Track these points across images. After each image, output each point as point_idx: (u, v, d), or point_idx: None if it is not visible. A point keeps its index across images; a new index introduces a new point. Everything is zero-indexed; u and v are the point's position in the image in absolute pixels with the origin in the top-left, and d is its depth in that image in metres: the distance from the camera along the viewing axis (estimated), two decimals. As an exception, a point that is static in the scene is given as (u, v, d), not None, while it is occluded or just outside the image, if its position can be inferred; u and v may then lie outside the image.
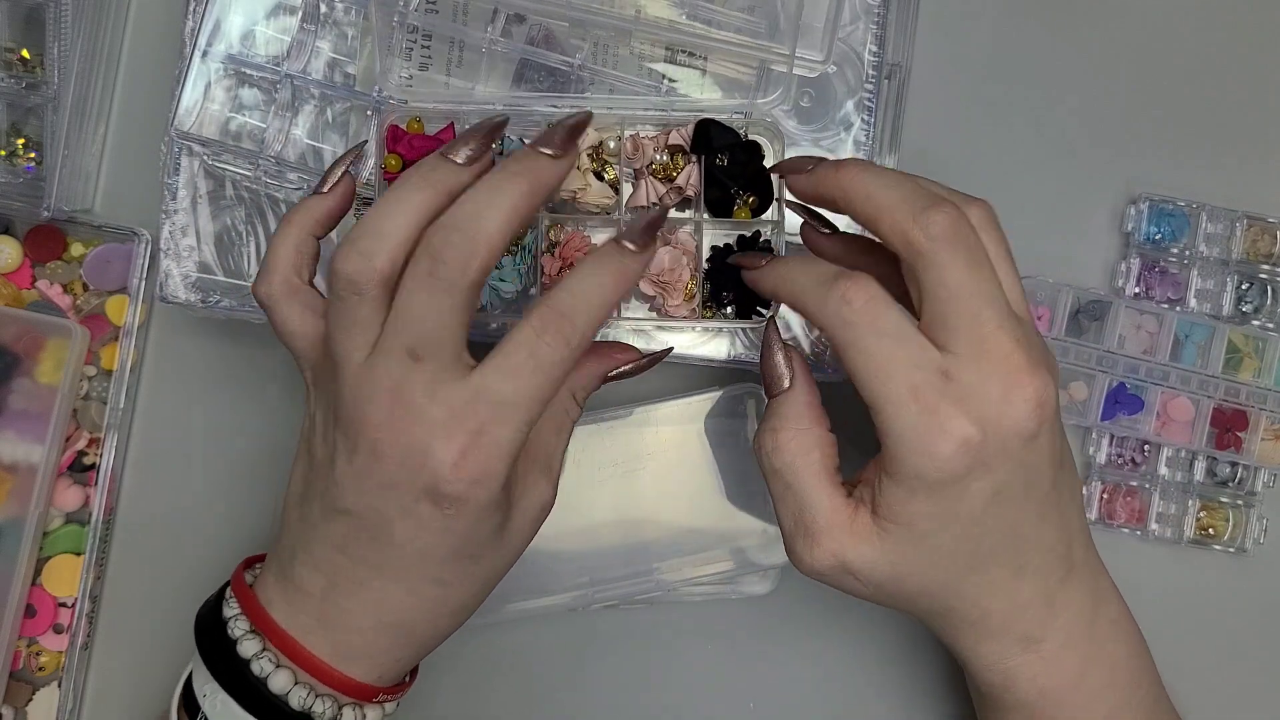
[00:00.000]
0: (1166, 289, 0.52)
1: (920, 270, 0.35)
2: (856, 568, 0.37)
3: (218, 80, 0.46)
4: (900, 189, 0.36)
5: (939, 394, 0.35)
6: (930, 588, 0.38)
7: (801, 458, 0.38)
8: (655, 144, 0.42)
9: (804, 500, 0.38)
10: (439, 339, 0.34)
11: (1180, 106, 0.54)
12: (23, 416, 0.49)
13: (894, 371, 0.35)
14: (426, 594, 0.37)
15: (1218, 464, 0.52)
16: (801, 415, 0.38)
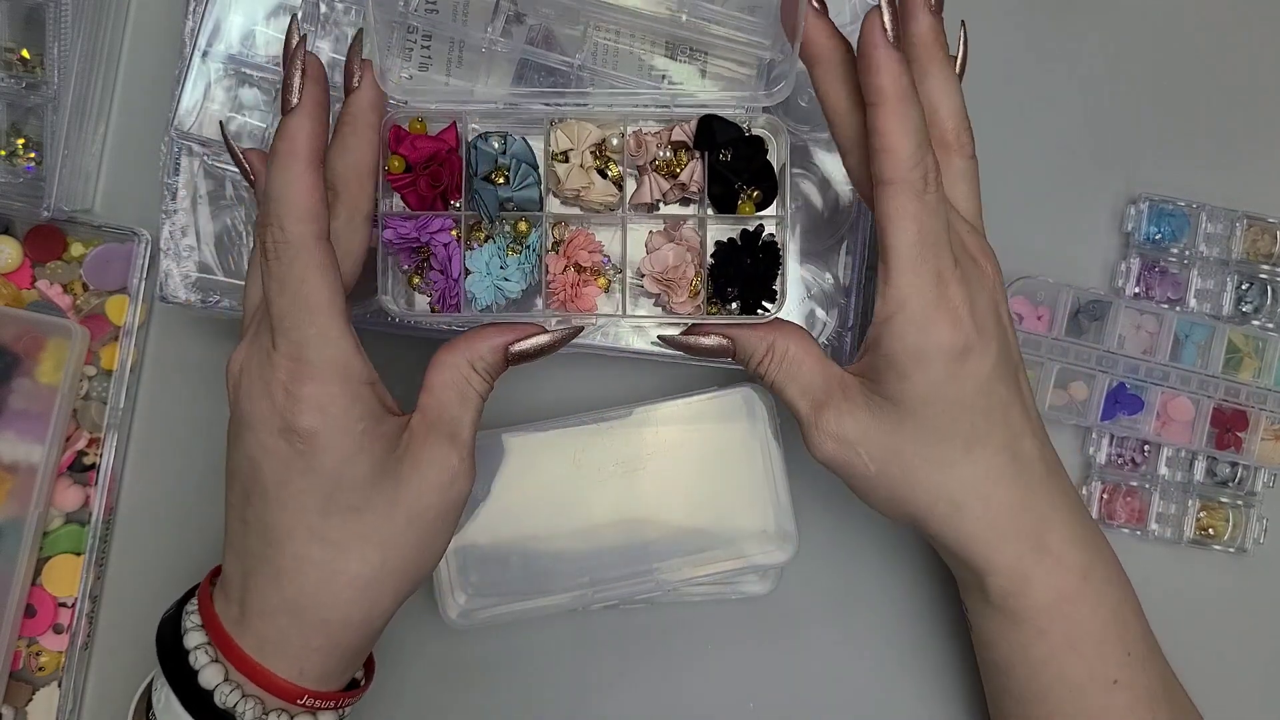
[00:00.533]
0: (1166, 289, 0.52)
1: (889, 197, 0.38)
2: (856, 437, 0.40)
3: (218, 80, 0.46)
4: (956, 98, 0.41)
5: (951, 277, 0.38)
6: (932, 470, 0.40)
7: (790, 357, 0.41)
8: (658, 140, 0.42)
9: (809, 381, 0.41)
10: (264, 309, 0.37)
11: (1180, 107, 0.54)
12: (23, 416, 0.49)
13: (928, 249, 0.38)
14: (314, 557, 0.37)
15: (1218, 464, 0.52)
16: (764, 351, 0.41)
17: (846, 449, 0.40)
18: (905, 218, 0.37)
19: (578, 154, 0.41)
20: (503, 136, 0.41)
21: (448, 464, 0.39)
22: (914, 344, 0.38)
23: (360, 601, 0.38)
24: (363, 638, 0.39)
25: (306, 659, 0.38)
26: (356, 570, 0.38)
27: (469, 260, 0.41)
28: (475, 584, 0.48)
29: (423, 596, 0.48)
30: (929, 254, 0.37)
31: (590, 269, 0.41)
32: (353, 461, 0.37)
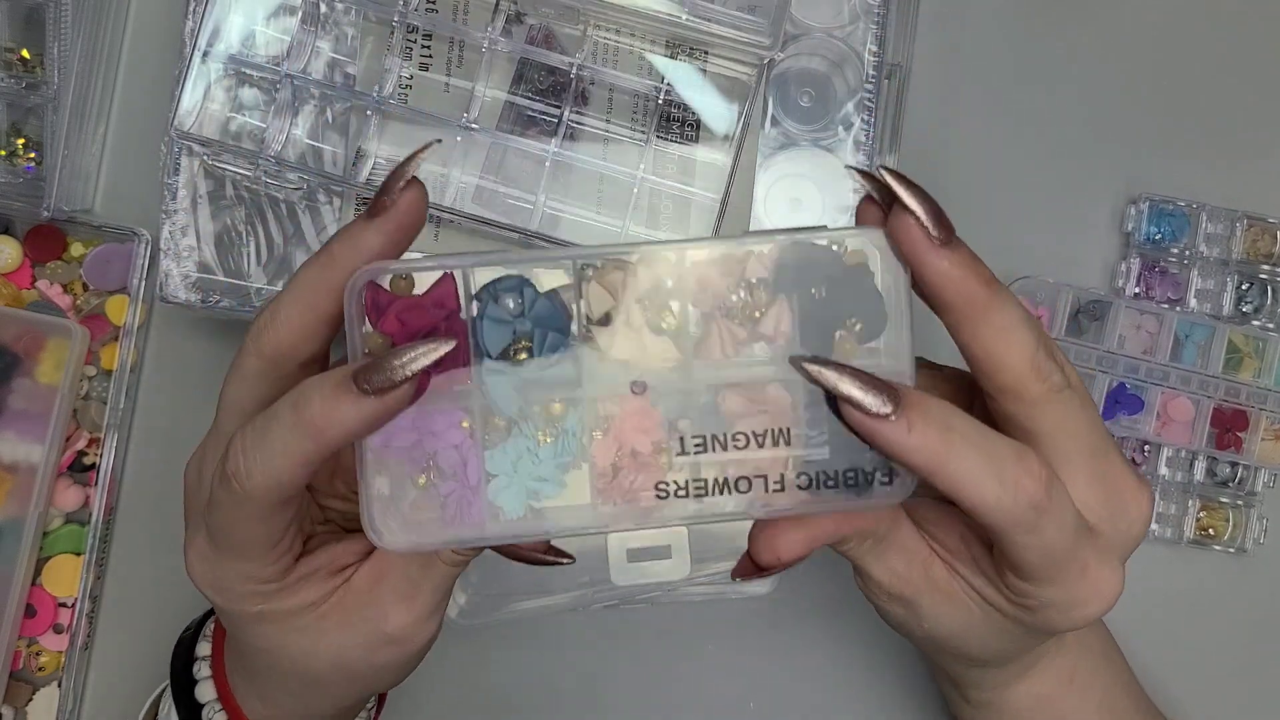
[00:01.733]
0: (1166, 289, 0.52)
1: (1038, 415, 0.31)
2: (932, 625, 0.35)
3: (218, 80, 0.46)
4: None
5: (1090, 554, 0.32)
6: (977, 648, 0.36)
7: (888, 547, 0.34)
8: (727, 277, 0.31)
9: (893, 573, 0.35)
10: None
11: (1180, 106, 0.54)
12: (23, 416, 0.49)
13: (1062, 561, 0.31)
14: (256, 644, 0.35)
15: (1218, 464, 0.52)
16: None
17: (907, 618, 0.36)
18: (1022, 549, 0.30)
19: (623, 311, 0.30)
20: (519, 290, 0.30)
21: (395, 626, 0.34)
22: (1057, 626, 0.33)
23: (292, 703, 0.37)
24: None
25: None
26: (279, 682, 0.36)
27: (490, 462, 0.30)
28: (475, 584, 0.48)
29: (423, 596, 0.48)
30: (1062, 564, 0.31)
31: (652, 451, 0.31)
32: (251, 628, 0.34)
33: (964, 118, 0.54)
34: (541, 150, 0.45)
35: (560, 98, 0.46)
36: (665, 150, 0.46)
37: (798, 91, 0.48)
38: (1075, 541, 0.31)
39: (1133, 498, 0.33)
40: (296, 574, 0.33)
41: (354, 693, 0.37)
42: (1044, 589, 0.32)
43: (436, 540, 0.31)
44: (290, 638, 0.34)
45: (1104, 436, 0.32)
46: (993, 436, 0.29)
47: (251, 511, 0.30)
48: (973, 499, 0.29)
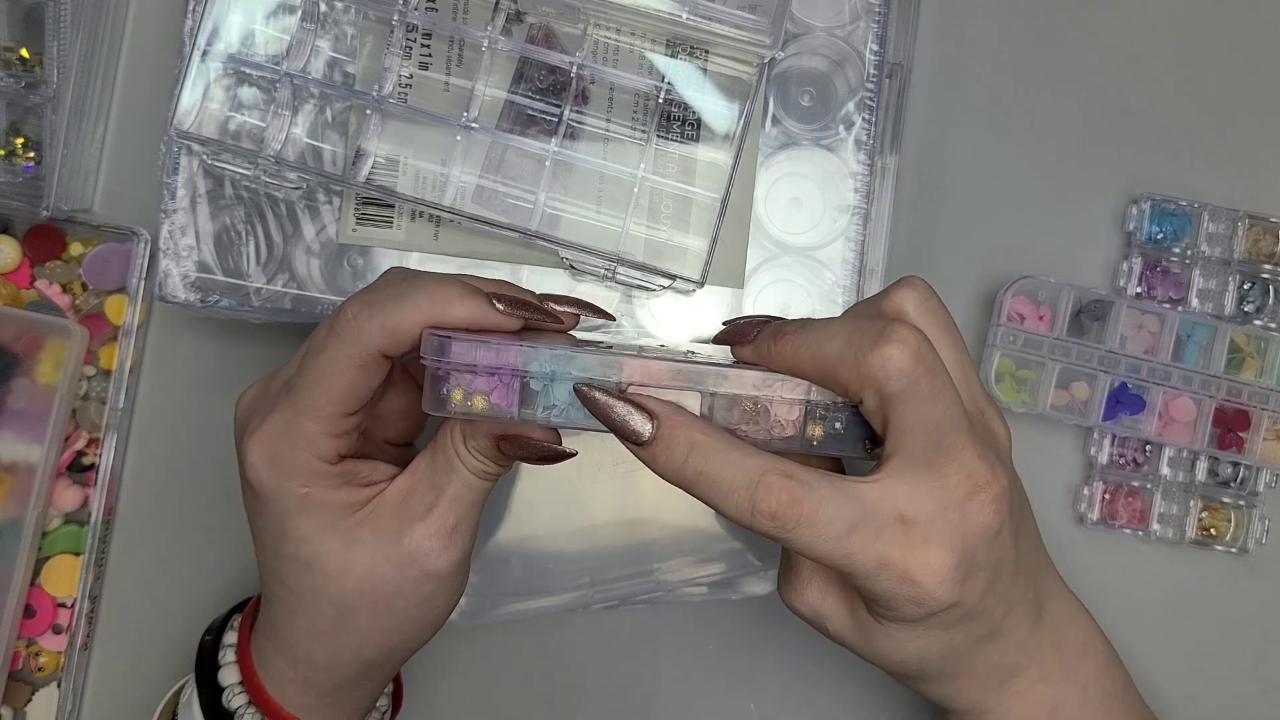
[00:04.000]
0: (1168, 289, 0.52)
1: (886, 410, 0.34)
2: (829, 616, 0.39)
3: (217, 79, 0.46)
4: (840, 334, 0.35)
5: (904, 550, 0.34)
6: (921, 666, 0.38)
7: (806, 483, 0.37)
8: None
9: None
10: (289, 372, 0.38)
11: (1182, 106, 0.54)
12: (21, 416, 0.49)
13: (857, 547, 0.34)
14: (277, 592, 0.38)
15: (1219, 464, 0.52)
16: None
17: (817, 619, 0.39)
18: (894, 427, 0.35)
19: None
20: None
21: (407, 542, 0.37)
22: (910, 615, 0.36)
23: (320, 648, 0.38)
24: (335, 681, 0.39)
25: (292, 693, 0.39)
26: (310, 617, 0.38)
27: (527, 361, 0.35)
28: (475, 584, 0.48)
29: (422, 597, 0.48)
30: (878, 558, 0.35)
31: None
32: (296, 517, 0.37)
33: (965, 117, 0.54)
34: (542, 149, 0.45)
35: (560, 97, 0.46)
36: (666, 149, 0.46)
37: (798, 91, 0.48)
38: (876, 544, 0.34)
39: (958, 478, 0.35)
40: (345, 467, 0.37)
41: (379, 633, 0.38)
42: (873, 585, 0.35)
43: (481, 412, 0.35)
44: (327, 540, 0.37)
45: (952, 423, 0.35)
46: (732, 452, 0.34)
47: (353, 355, 0.35)
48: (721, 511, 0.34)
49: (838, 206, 0.48)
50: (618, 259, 0.45)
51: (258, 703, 0.39)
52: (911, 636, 0.37)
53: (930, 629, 0.36)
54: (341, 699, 0.40)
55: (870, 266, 0.48)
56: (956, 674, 0.39)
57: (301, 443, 0.36)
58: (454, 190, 0.45)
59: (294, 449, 0.36)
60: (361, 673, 0.39)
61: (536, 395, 0.35)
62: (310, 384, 0.36)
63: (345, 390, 0.36)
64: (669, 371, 0.35)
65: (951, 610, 0.35)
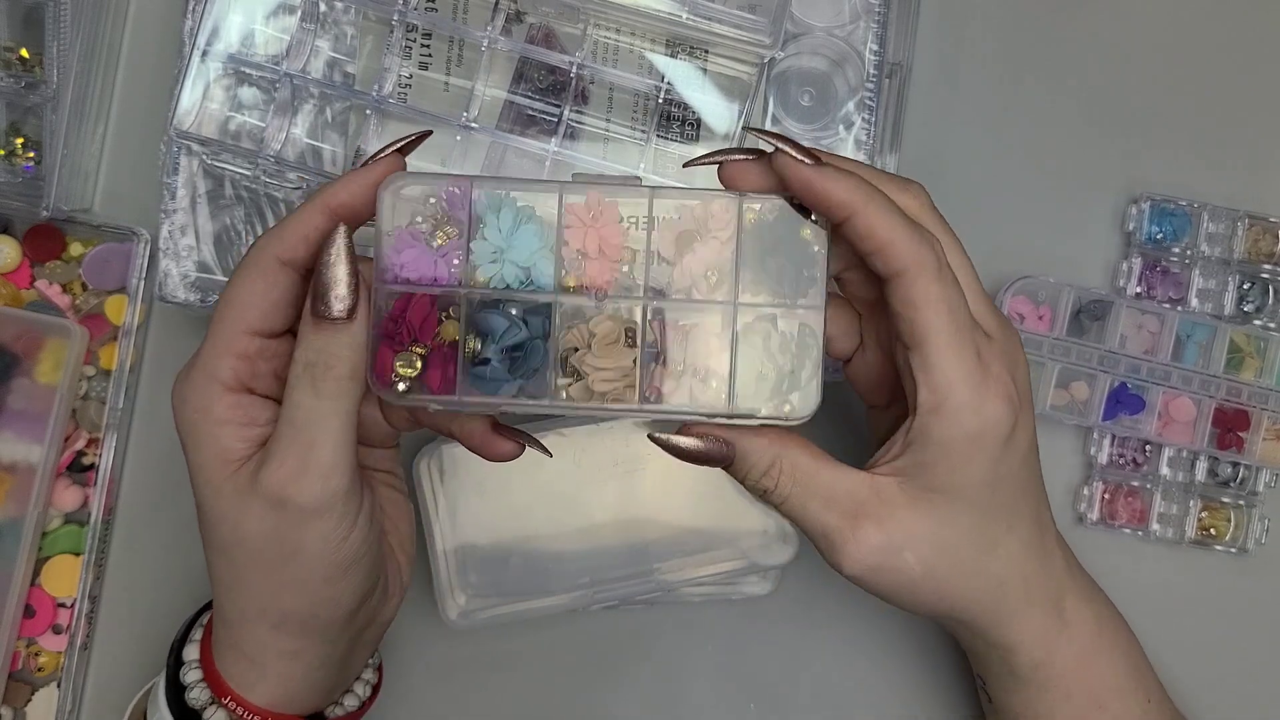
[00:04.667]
0: (1168, 289, 0.52)
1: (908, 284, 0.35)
2: (904, 540, 0.37)
3: (217, 79, 0.46)
4: (894, 205, 0.36)
5: (990, 354, 0.36)
6: (980, 555, 0.38)
7: (799, 470, 0.37)
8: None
9: (832, 492, 0.37)
10: None
11: (1182, 106, 0.54)
12: (21, 416, 0.49)
13: (962, 329, 0.35)
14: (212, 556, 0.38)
15: (1219, 464, 0.52)
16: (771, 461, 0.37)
17: (892, 556, 0.37)
18: (931, 302, 0.35)
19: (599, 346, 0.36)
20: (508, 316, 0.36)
21: (260, 486, 0.35)
22: (971, 427, 0.35)
23: (228, 603, 0.38)
24: (256, 644, 0.38)
25: (288, 680, 0.38)
26: (213, 567, 0.37)
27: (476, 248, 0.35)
28: (475, 584, 0.48)
29: (423, 596, 0.48)
30: (965, 333, 0.35)
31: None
32: (191, 453, 0.36)
33: (965, 117, 0.54)
34: (541, 149, 0.45)
35: (560, 97, 0.46)
36: (666, 149, 0.46)
37: (798, 90, 0.48)
38: (970, 317, 0.36)
39: (1007, 322, 0.38)
40: (238, 400, 0.36)
41: (274, 587, 0.37)
42: (949, 361, 0.35)
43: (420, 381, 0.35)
44: (206, 488, 0.36)
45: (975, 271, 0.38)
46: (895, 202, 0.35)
47: (249, 266, 0.36)
48: (888, 234, 0.34)
49: (837, 206, 0.48)
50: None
51: (207, 676, 0.39)
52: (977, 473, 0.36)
53: (992, 461, 0.36)
54: (271, 665, 0.38)
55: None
56: (1026, 583, 0.39)
57: (199, 368, 0.36)
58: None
59: (192, 377, 0.36)
60: (279, 635, 0.37)
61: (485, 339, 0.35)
62: (217, 307, 0.36)
63: (243, 299, 0.36)
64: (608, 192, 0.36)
65: (1011, 438, 0.36)
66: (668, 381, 0.36)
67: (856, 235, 0.35)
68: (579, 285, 0.35)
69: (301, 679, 0.39)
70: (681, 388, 0.36)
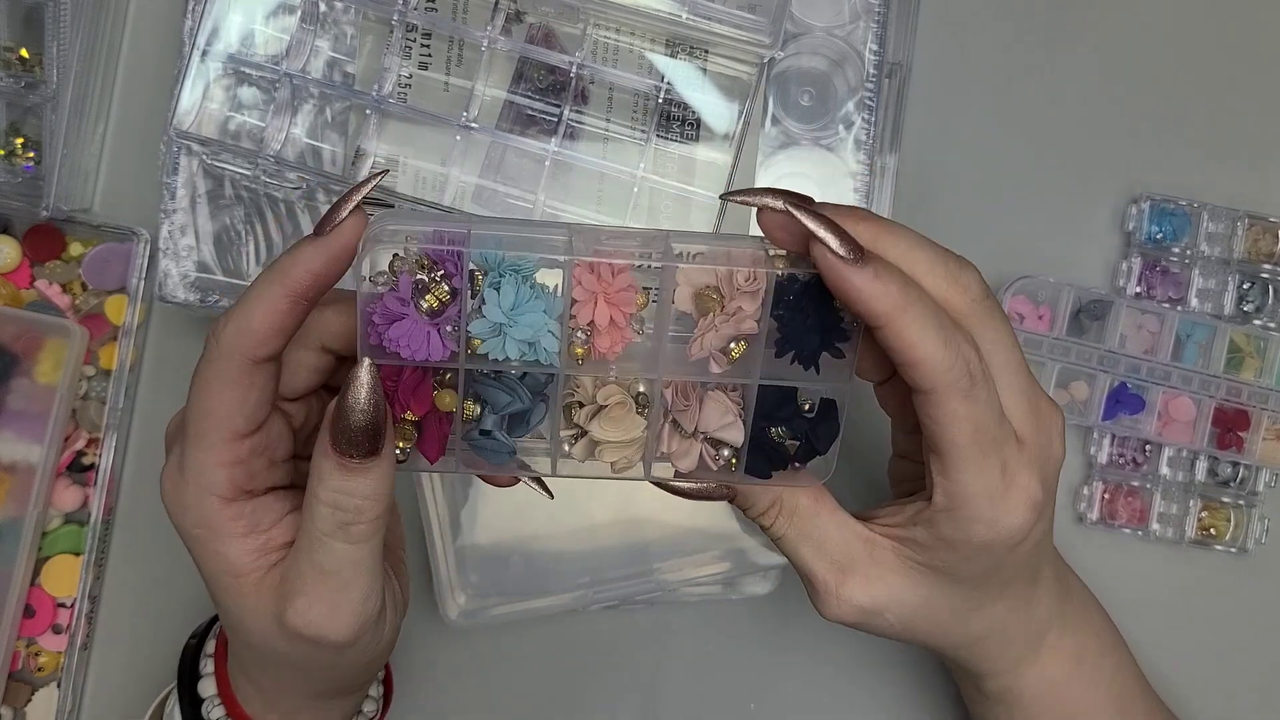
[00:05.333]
0: (1168, 288, 0.52)
1: (935, 404, 0.34)
2: (884, 604, 0.37)
3: (217, 79, 0.46)
4: (929, 248, 0.35)
5: (1018, 465, 0.35)
6: (961, 619, 0.38)
7: (802, 525, 0.37)
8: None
9: (825, 540, 0.37)
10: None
11: (1182, 106, 0.54)
12: (21, 416, 0.49)
13: (987, 446, 0.34)
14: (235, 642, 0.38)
15: (1219, 464, 0.52)
16: (770, 503, 0.37)
17: (872, 616, 0.37)
18: (956, 421, 0.33)
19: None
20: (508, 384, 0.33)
21: (288, 621, 0.33)
22: (983, 538, 0.35)
23: (262, 676, 0.38)
24: (291, 705, 0.38)
25: (259, 709, 0.38)
26: (239, 650, 0.38)
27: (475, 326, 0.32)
28: (475, 584, 0.48)
29: (423, 596, 0.48)
30: (990, 448, 0.34)
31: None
32: (202, 562, 0.34)
33: (965, 117, 0.54)
34: (541, 149, 0.45)
35: (560, 96, 0.46)
36: (665, 149, 0.46)
37: (798, 90, 0.48)
38: (1000, 430, 0.34)
39: (1049, 416, 0.36)
40: (241, 510, 0.34)
41: (306, 684, 0.37)
42: (969, 476, 0.34)
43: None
44: (225, 596, 0.34)
45: (1024, 361, 0.36)
46: (940, 307, 0.33)
47: (219, 371, 0.32)
48: (920, 352, 0.32)
49: (837, 206, 0.48)
50: (617, 259, 0.45)
51: (232, 715, 0.39)
52: (983, 565, 0.36)
53: (1002, 555, 0.36)
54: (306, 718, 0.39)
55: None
56: (1004, 630, 0.39)
57: (191, 479, 0.33)
58: (454, 190, 0.45)
59: (185, 486, 0.33)
60: (314, 703, 0.38)
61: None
62: (192, 413, 0.33)
63: (224, 411, 0.32)
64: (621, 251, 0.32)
65: (1028, 537, 0.35)
66: (678, 443, 0.34)
67: (887, 345, 0.33)
68: (587, 355, 0.33)
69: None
70: (692, 453, 0.34)
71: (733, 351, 0.33)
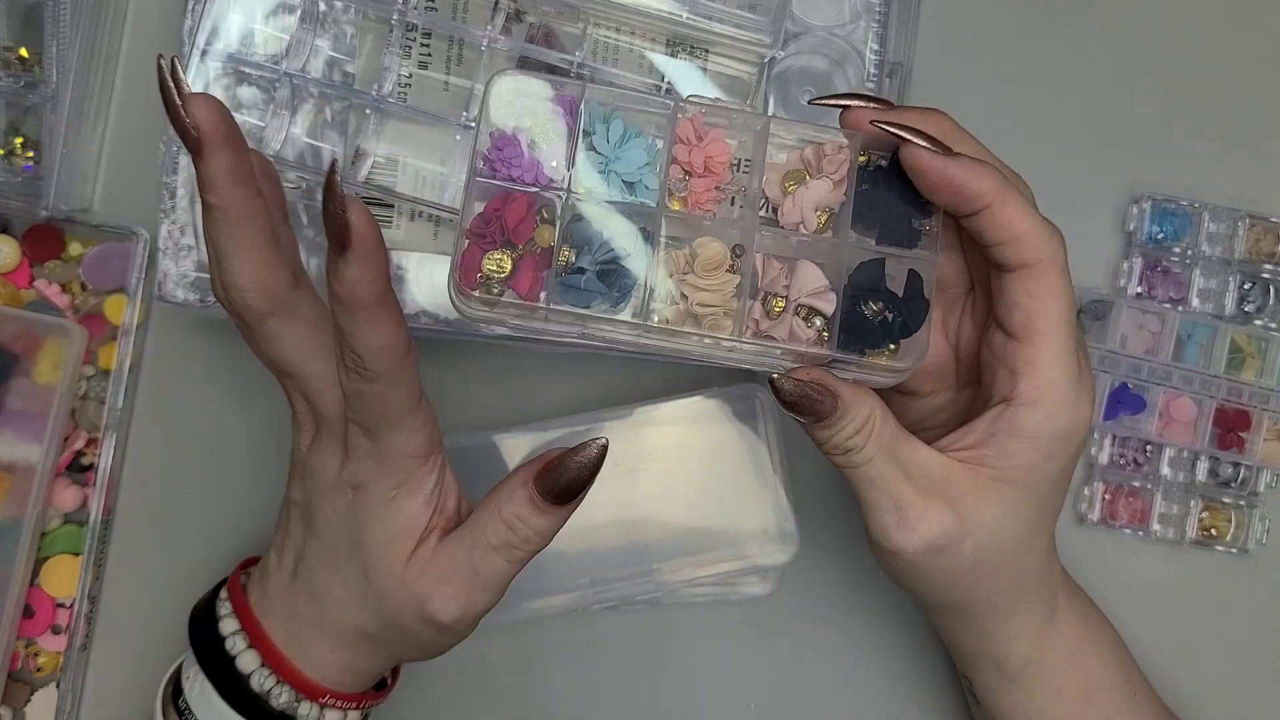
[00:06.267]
0: (1169, 289, 0.52)
1: (1036, 277, 0.36)
2: (970, 526, 0.36)
3: (216, 79, 0.46)
4: (1027, 196, 0.38)
5: (1084, 355, 0.37)
6: (1021, 552, 0.38)
7: (886, 437, 0.36)
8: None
9: (912, 463, 0.36)
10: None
11: (1183, 105, 0.54)
12: (21, 416, 0.49)
13: (1073, 327, 0.36)
14: (335, 591, 0.39)
15: (1220, 464, 0.52)
16: (866, 419, 0.36)
17: (955, 541, 0.36)
18: (1057, 295, 0.35)
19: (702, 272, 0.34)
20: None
21: (428, 608, 0.37)
22: (1064, 424, 0.36)
23: (362, 647, 0.39)
24: (374, 664, 0.40)
25: (326, 667, 0.39)
26: (356, 621, 0.39)
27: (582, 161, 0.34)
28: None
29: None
30: (1073, 332, 0.36)
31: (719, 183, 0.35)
32: (384, 532, 0.37)
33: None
34: (541, 149, 0.45)
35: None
36: (665, 149, 0.46)
37: (798, 90, 0.48)
38: (1071, 324, 0.36)
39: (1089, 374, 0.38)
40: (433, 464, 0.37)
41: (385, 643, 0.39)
42: (1062, 359, 0.35)
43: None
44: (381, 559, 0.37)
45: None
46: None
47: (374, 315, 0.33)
48: (1023, 225, 0.35)
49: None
50: (617, 259, 0.45)
51: (258, 645, 0.39)
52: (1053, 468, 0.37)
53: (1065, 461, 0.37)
54: (364, 678, 0.41)
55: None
56: (1028, 581, 0.39)
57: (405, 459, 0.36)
58: (454, 190, 0.45)
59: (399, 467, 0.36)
60: (362, 643, 0.40)
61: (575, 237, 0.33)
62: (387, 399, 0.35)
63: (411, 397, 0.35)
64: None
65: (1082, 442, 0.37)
66: (768, 317, 0.34)
67: (992, 224, 0.35)
68: (684, 205, 0.34)
69: (354, 680, 0.41)
70: (782, 324, 0.34)
71: (820, 218, 0.35)
